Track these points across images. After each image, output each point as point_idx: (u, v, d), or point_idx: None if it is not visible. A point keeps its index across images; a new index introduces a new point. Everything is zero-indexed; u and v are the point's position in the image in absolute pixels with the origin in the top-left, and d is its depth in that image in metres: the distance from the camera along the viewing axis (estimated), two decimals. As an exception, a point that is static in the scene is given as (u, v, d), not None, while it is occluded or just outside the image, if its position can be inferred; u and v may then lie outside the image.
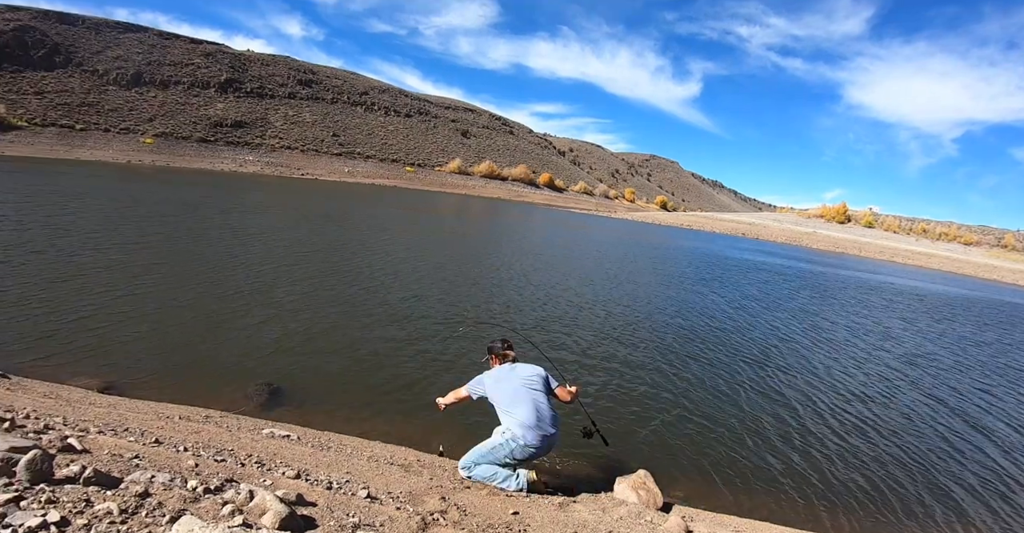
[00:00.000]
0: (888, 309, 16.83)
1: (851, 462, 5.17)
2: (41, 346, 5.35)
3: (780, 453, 5.17)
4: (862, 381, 7.96)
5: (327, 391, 5.20)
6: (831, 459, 5.17)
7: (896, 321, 14.49)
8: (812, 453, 5.25)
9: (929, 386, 8.17)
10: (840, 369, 8.43)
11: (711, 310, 11.96)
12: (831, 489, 4.61)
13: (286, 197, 30.34)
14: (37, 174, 25.21)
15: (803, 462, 5.03)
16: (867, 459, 5.27)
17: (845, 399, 6.99)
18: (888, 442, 5.77)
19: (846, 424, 6.12)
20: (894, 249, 61.64)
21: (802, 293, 17.54)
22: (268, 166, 64.13)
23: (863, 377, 8.18)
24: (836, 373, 8.17)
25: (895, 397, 7.39)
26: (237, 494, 2.29)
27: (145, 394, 4.63)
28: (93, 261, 8.81)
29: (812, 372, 8.03)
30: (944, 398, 7.62)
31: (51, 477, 2.01)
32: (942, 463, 5.46)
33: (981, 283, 39.70)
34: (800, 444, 5.42)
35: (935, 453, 5.69)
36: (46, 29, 66.89)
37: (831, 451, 5.35)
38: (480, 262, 14.65)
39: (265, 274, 9.59)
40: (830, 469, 4.96)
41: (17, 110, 54.69)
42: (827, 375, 7.99)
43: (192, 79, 76.03)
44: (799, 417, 6.13)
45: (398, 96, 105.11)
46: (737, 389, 6.81)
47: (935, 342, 12.19)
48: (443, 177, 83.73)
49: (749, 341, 9.46)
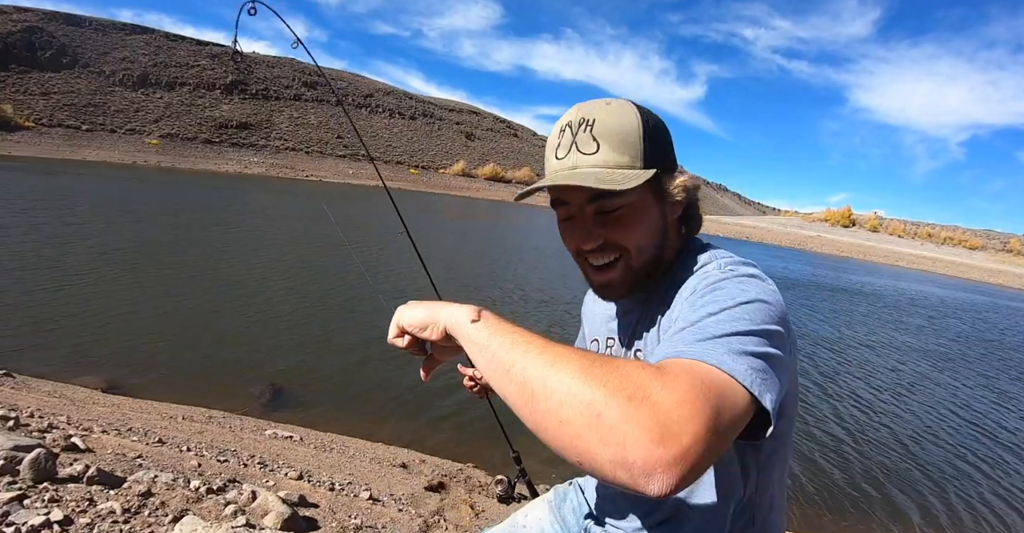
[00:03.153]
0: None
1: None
2: (46, 346, 5.36)
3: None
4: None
5: (330, 393, 5.20)
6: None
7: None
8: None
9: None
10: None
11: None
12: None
13: (292, 198, 30.44)
14: (42, 175, 25.37)
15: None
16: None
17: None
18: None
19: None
20: (899, 253, 61.43)
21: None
22: (273, 167, 64.38)
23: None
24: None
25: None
26: (240, 494, 2.29)
27: (149, 394, 4.63)
28: (97, 262, 8.84)
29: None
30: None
31: (55, 476, 2.01)
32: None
33: (989, 288, 39.51)
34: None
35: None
36: (53, 30, 67.43)
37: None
38: (480, 261, 14.66)
39: (271, 277, 9.62)
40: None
41: (24, 110, 55.11)
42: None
43: (198, 80, 76.49)
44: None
45: (403, 98, 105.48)
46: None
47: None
48: (447, 179, 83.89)
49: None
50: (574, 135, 0.79)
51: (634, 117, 0.79)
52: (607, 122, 0.78)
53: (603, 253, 0.82)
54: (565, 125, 0.81)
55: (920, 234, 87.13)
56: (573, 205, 0.82)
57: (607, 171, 0.76)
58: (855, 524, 4.19)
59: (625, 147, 0.77)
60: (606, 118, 0.78)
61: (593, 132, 0.78)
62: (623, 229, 0.80)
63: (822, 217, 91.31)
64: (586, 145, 0.78)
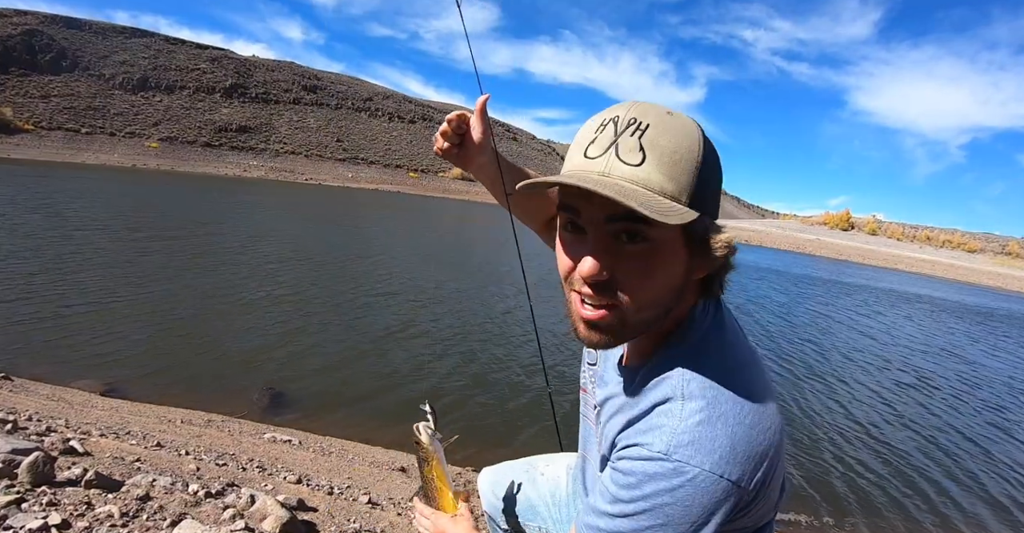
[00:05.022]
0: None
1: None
2: (44, 349, 5.35)
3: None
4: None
5: (329, 396, 5.19)
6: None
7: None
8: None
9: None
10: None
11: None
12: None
13: (290, 200, 30.47)
14: (42, 178, 25.38)
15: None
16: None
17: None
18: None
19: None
20: (898, 256, 61.55)
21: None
22: (272, 171, 64.48)
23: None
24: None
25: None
26: (238, 498, 2.29)
27: (147, 397, 4.62)
28: (97, 265, 8.84)
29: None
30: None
31: (53, 479, 2.01)
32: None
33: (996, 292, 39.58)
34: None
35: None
36: (53, 33, 67.63)
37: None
38: (472, 263, 14.66)
39: (270, 280, 9.61)
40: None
41: (24, 113, 55.20)
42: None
43: (197, 84, 76.65)
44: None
45: (402, 102, 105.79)
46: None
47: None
48: (446, 183, 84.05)
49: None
50: (617, 135, 0.63)
51: (696, 141, 0.63)
52: (663, 134, 0.62)
53: (601, 293, 0.65)
54: (609, 119, 0.64)
55: (919, 237, 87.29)
56: (584, 217, 0.65)
57: (647, 194, 0.60)
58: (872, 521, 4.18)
59: (676, 172, 0.61)
60: (663, 129, 0.62)
61: (643, 140, 0.61)
62: (638, 272, 0.63)
63: (821, 220, 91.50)
64: (629, 153, 0.61)
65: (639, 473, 0.62)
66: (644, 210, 0.56)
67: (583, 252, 0.65)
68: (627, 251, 0.63)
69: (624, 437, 0.68)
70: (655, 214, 0.56)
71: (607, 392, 0.82)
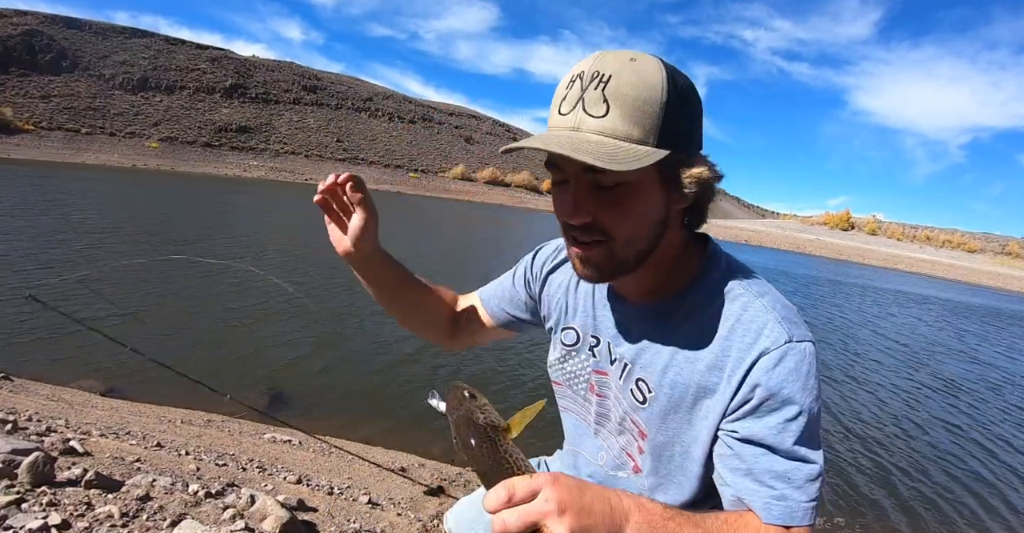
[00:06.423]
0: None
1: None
2: (44, 349, 5.35)
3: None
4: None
5: (329, 396, 5.19)
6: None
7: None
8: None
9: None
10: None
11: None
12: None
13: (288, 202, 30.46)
14: (44, 178, 25.38)
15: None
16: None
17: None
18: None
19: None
20: (898, 256, 61.55)
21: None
22: (272, 171, 64.47)
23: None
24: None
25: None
26: (238, 498, 2.29)
27: (147, 398, 4.62)
28: (97, 264, 8.83)
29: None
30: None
31: (53, 480, 2.01)
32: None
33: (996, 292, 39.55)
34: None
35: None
36: (53, 33, 67.65)
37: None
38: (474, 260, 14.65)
39: (269, 280, 9.60)
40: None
41: (24, 113, 55.19)
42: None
43: (197, 84, 76.67)
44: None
45: (402, 102, 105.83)
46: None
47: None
48: (446, 183, 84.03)
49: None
50: (583, 90, 0.66)
51: (659, 82, 0.66)
52: (625, 82, 0.65)
53: (588, 233, 0.72)
54: (576, 76, 0.68)
55: (919, 237, 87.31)
56: (566, 171, 0.71)
57: (612, 142, 0.65)
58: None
59: (639, 116, 0.65)
60: (625, 76, 0.65)
61: (605, 91, 0.65)
62: (616, 212, 0.70)
63: (821, 220, 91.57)
64: (594, 105, 0.65)
65: (786, 368, 0.70)
66: (596, 161, 0.61)
67: (569, 202, 0.72)
68: (604, 196, 0.70)
69: (732, 358, 0.73)
70: (611, 163, 0.62)
71: (637, 347, 0.84)
